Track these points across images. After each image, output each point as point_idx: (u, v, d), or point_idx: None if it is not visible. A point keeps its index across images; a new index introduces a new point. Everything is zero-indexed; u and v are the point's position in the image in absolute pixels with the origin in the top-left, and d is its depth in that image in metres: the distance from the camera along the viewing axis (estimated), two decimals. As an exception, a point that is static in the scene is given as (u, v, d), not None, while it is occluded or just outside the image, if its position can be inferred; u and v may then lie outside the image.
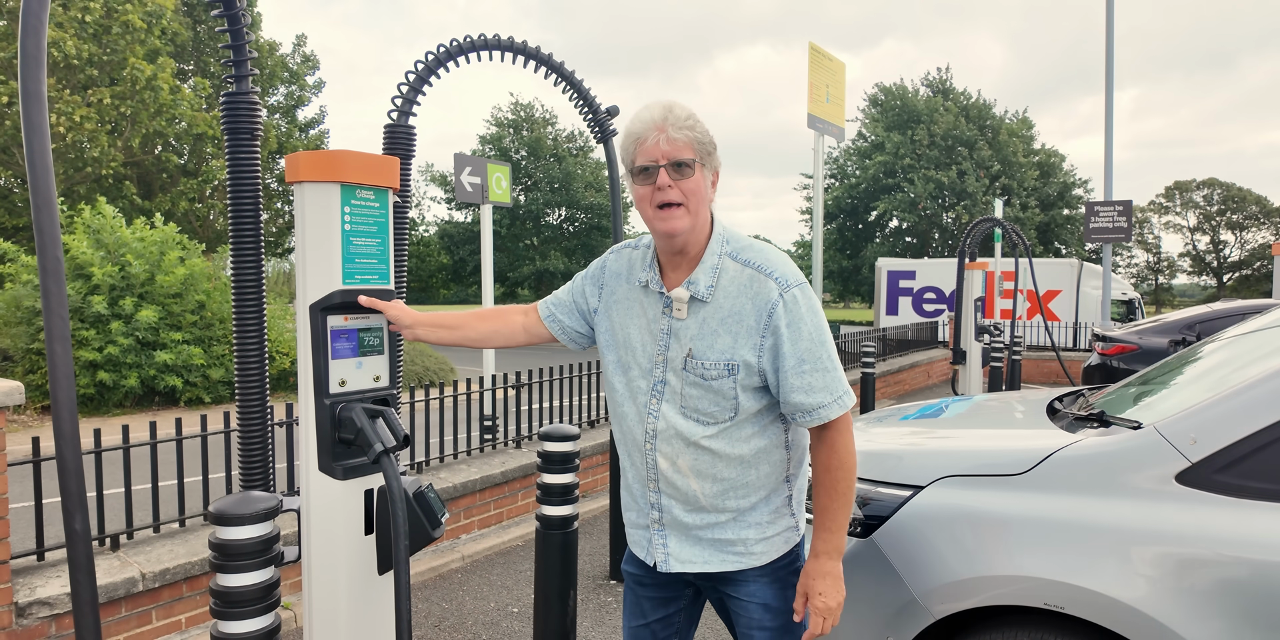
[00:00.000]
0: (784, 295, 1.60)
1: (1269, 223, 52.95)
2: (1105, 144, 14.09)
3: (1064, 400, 2.89)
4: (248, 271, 2.09)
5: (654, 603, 1.90)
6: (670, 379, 1.69)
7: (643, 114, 1.64)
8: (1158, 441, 1.95)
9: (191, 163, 22.71)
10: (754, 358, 1.61)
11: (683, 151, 1.59)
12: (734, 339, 1.62)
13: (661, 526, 1.77)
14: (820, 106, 5.85)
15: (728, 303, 1.64)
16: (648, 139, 1.60)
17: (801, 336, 1.60)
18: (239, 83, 2.00)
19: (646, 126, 1.61)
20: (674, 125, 1.59)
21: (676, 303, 1.66)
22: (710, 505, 1.71)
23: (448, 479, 4.66)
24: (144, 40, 18.55)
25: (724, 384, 1.63)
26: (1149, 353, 7.72)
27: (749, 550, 1.73)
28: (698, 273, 1.65)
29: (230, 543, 1.72)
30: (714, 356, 1.63)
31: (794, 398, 1.61)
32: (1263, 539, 1.77)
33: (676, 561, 1.76)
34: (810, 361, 1.60)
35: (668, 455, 1.71)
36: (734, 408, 1.65)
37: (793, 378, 1.60)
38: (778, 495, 1.74)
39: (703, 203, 1.64)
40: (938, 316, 18.32)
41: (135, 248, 11.58)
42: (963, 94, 38.40)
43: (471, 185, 5.80)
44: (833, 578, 1.66)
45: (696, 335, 1.65)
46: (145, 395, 11.83)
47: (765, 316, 1.60)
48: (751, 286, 1.62)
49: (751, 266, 1.64)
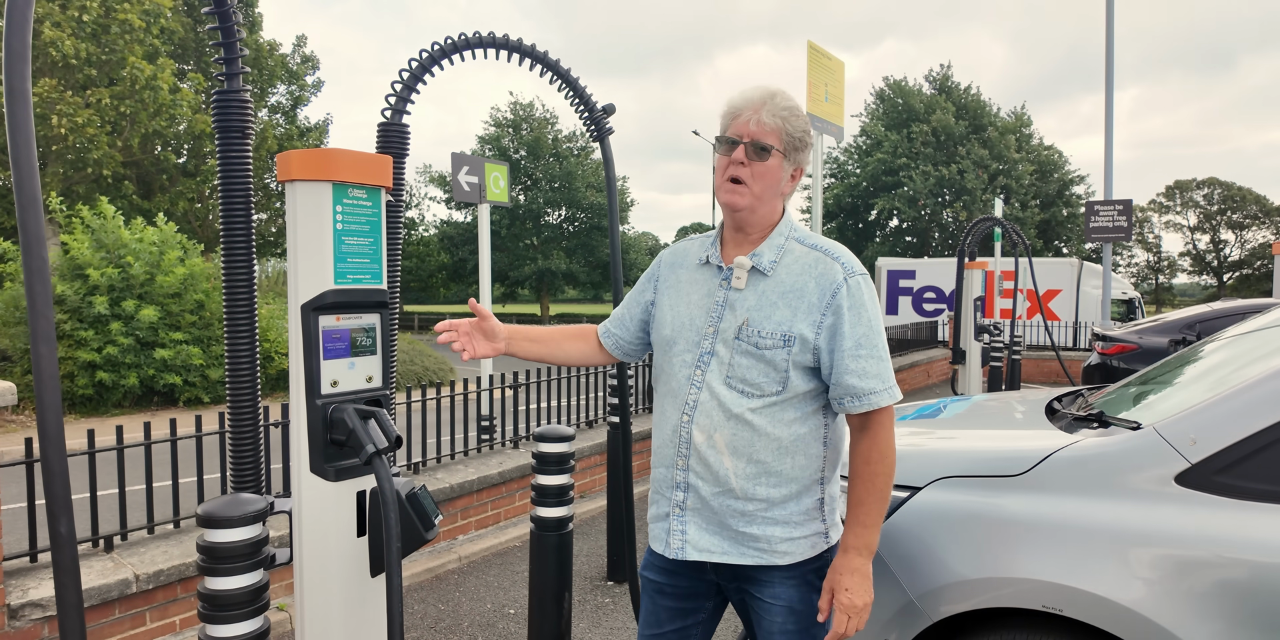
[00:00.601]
0: (849, 279, 1.65)
1: (1269, 222, 52.91)
2: (1105, 143, 14.07)
3: (1063, 400, 2.87)
4: (239, 271, 2.07)
5: (671, 613, 1.84)
6: (719, 350, 1.69)
7: (748, 92, 1.70)
8: (1157, 442, 1.93)
9: (191, 163, 22.70)
10: (811, 334, 1.63)
11: (768, 136, 1.65)
12: (793, 312, 1.64)
13: (683, 511, 1.73)
14: (819, 106, 5.83)
15: (789, 279, 1.67)
16: (742, 115, 1.66)
17: (861, 321, 1.63)
18: (230, 80, 1.98)
19: (745, 104, 1.67)
20: (770, 110, 1.65)
21: (737, 271, 1.69)
22: (740, 489, 1.67)
23: (445, 479, 4.64)
24: (143, 40, 18.53)
25: (777, 355, 1.64)
26: (1149, 352, 7.70)
27: (772, 548, 1.68)
28: (763, 247, 1.71)
29: (218, 545, 1.70)
30: (770, 327, 1.65)
31: (847, 379, 1.62)
32: (1263, 541, 1.75)
33: (694, 549, 1.71)
34: (867, 347, 1.62)
35: (705, 428, 1.69)
36: (783, 381, 1.64)
37: (849, 360, 1.62)
38: (809, 495, 1.70)
39: (770, 188, 1.68)
40: (938, 316, 18.31)
41: (134, 248, 11.57)
42: (966, 91, 38.35)
43: (469, 185, 5.78)
44: (861, 576, 1.62)
45: (754, 306, 1.67)
46: (144, 395, 11.82)
47: (829, 296, 1.63)
48: (817, 267, 1.66)
49: (819, 249, 1.69)
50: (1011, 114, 38.65)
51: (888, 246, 38.09)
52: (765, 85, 1.70)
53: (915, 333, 13.77)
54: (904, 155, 36.31)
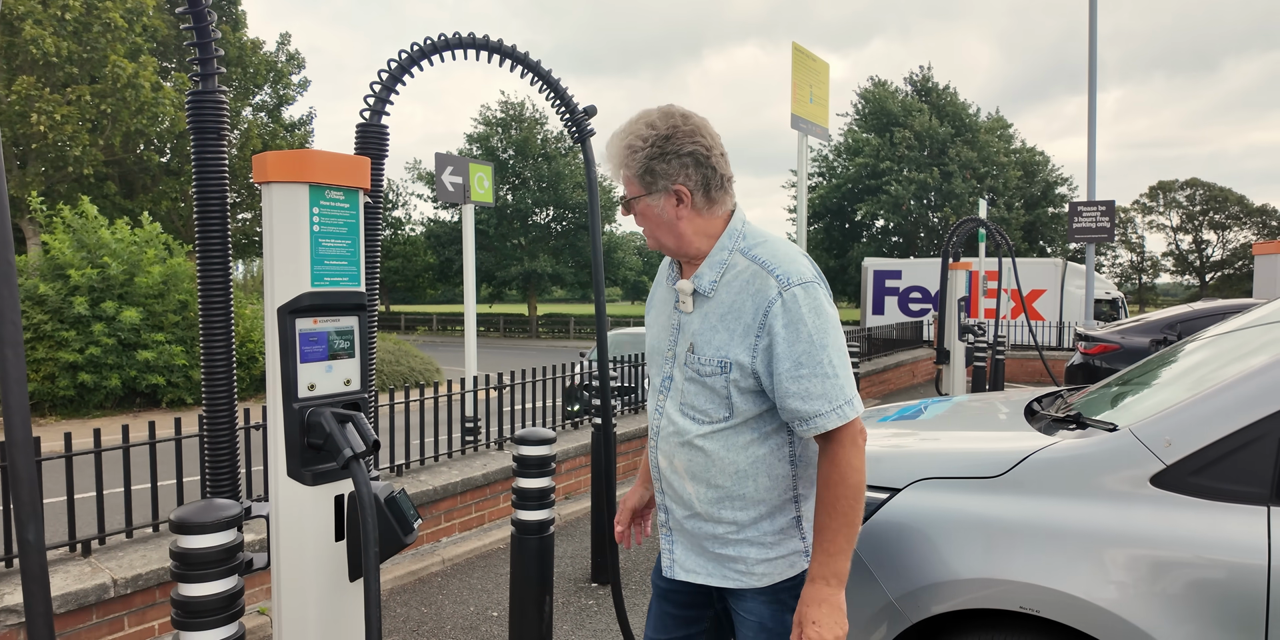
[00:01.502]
0: (783, 293, 1.53)
1: (1250, 222, 53.49)
2: (1088, 144, 14.17)
3: (1043, 401, 2.88)
4: (215, 273, 2.05)
5: (676, 620, 1.84)
6: (675, 375, 1.68)
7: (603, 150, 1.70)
8: (1133, 444, 1.95)
9: (174, 161, 22.50)
10: (747, 358, 1.55)
11: (626, 188, 1.65)
12: (730, 336, 1.58)
13: (669, 531, 1.75)
14: (804, 107, 5.84)
15: (728, 298, 1.59)
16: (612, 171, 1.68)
17: (799, 338, 1.51)
18: (204, 81, 1.96)
19: (605, 162, 1.68)
20: (611, 163, 1.65)
21: (681, 296, 1.66)
22: (705, 513, 1.65)
23: (428, 481, 4.62)
24: (125, 38, 18.36)
25: (716, 381, 1.59)
26: (1131, 352, 7.76)
27: (750, 570, 1.65)
28: (704, 267, 1.64)
29: (191, 551, 1.68)
30: (710, 352, 1.60)
31: (790, 404, 1.53)
32: (1235, 541, 1.77)
33: (681, 569, 1.72)
34: (809, 365, 1.51)
35: (666, 453, 1.69)
36: (728, 407, 1.60)
37: (788, 382, 1.52)
38: (783, 514, 1.65)
39: (664, 226, 1.63)
40: (923, 316, 18.40)
41: (114, 248, 11.46)
42: (944, 92, 38.54)
43: (453, 185, 5.76)
44: (830, 606, 1.51)
45: (698, 330, 1.63)
46: (126, 396, 11.71)
47: (762, 315, 1.54)
48: (753, 283, 1.57)
49: (757, 263, 1.58)
50: (990, 116, 38.87)
51: (874, 247, 38.24)
52: (612, 137, 1.66)
53: (901, 333, 13.83)
54: (887, 159, 36.44)
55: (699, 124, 1.61)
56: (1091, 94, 14.07)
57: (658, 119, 1.60)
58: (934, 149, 36.14)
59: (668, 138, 1.58)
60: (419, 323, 40.76)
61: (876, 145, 36.69)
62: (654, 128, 1.59)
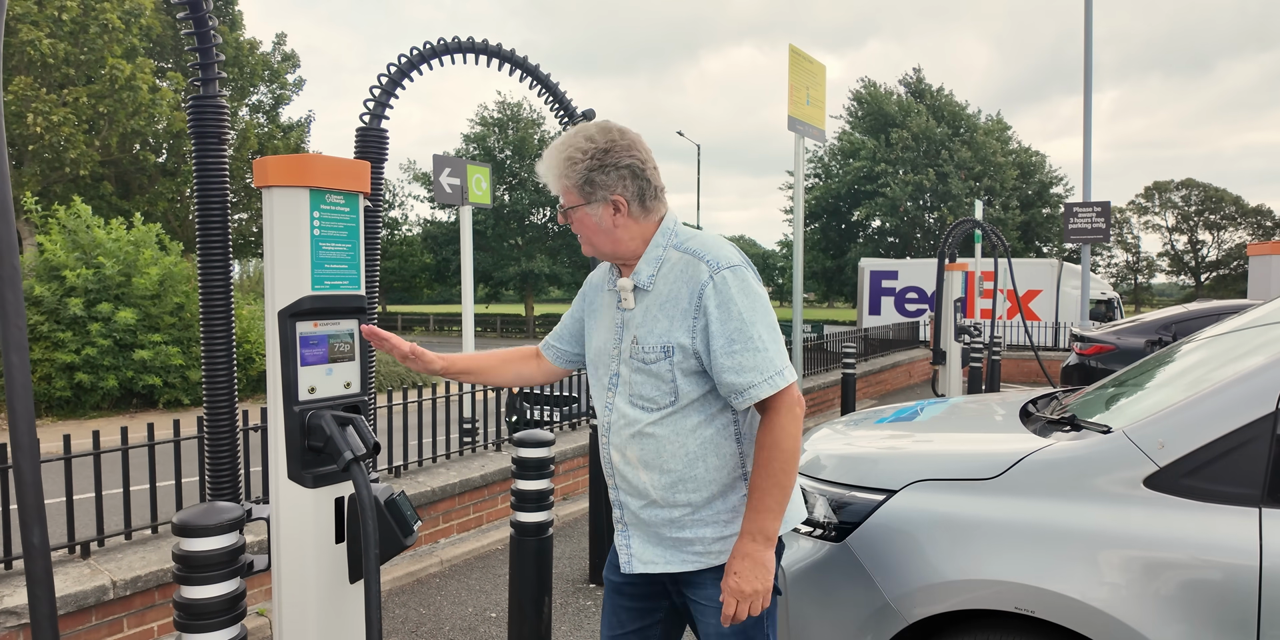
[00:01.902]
0: (714, 276, 1.64)
1: (1245, 223, 53.67)
2: (1084, 145, 14.22)
3: (1038, 403, 2.90)
4: (216, 277, 2.07)
5: (631, 613, 1.89)
6: (622, 370, 1.74)
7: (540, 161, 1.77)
8: (1126, 446, 1.97)
9: (171, 162, 22.47)
10: (688, 339, 1.65)
11: (564, 198, 1.73)
12: (670, 322, 1.67)
13: (625, 526, 1.80)
14: (800, 109, 5.86)
15: (666, 288, 1.70)
16: (548, 182, 1.75)
17: (731, 316, 1.62)
18: (205, 86, 1.98)
19: (540, 173, 1.76)
20: (549, 174, 1.73)
21: (623, 293, 1.74)
22: (662, 498, 1.72)
23: (426, 483, 4.63)
24: (121, 39, 18.33)
25: (661, 367, 1.67)
26: (1126, 353, 7.79)
27: (708, 549, 1.72)
28: (641, 264, 1.73)
29: (194, 554, 1.70)
30: (652, 340, 1.68)
31: (725, 377, 1.63)
32: (1228, 542, 1.79)
33: (639, 562, 1.77)
34: (740, 341, 1.62)
35: (618, 447, 1.76)
36: (673, 391, 1.68)
37: (723, 358, 1.63)
38: (735, 493, 1.73)
39: (599, 233, 1.73)
40: (920, 316, 18.43)
41: (109, 249, 11.44)
42: (938, 93, 38.60)
43: (451, 186, 5.77)
44: (752, 561, 1.61)
45: (640, 322, 1.71)
46: (123, 397, 11.70)
47: (696, 298, 1.65)
48: (687, 270, 1.68)
49: (689, 253, 1.70)
50: (989, 119, 38.94)
51: (871, 247, 38.30)
52: (550, 145, 1.74)
53: (897, 333, 13.86)
54: (883, 161, 36.49)
55: (634, 138, 1.72)
56: (1087, 96, 14.11)
57: (596, 133, 1.69)
58: (930, 150, 36.20)
59: (606, 151, 1.67)
60: (416, 323, 40.72)
61: (873, 147, 36.74)
62: (593, 141, 1.67)
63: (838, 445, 2.62)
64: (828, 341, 10.67)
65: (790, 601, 2.27)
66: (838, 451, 2.54)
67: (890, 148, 36.41)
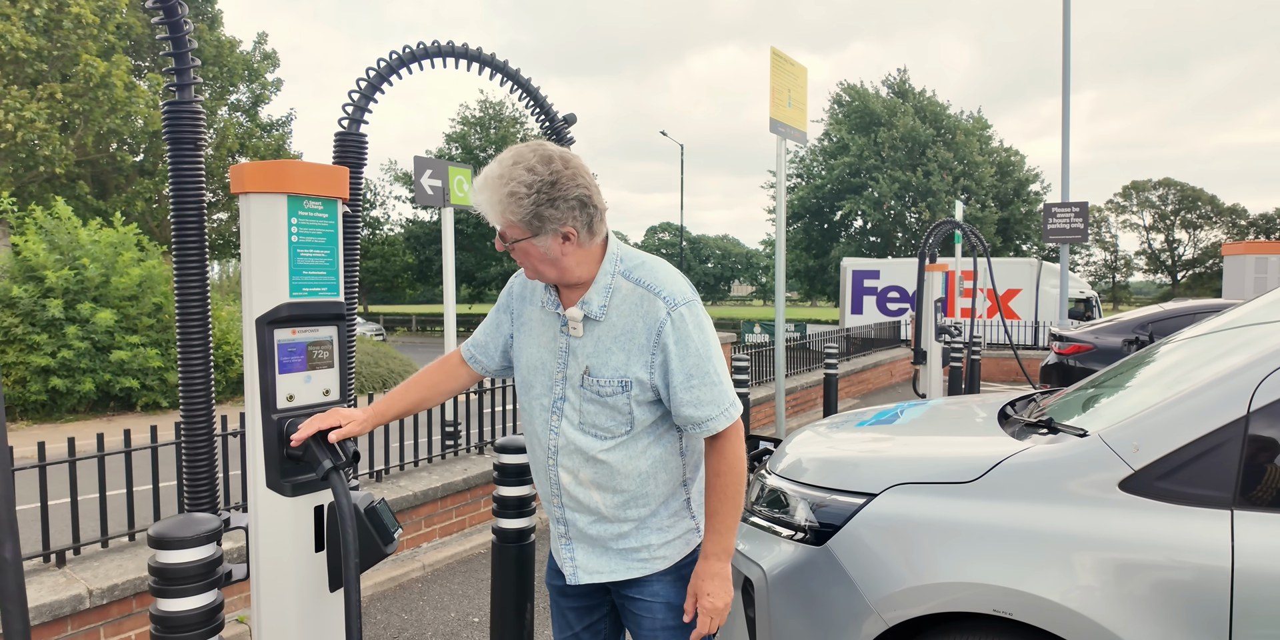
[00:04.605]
0: (671, 314, 1.66)
1: (1220, 222, 54.45)
2: (1062, 146, 14.37)
3: (1016, 405, 2.93)
4: (192, 284, 2.04)
5: (577, 613, 1.95)
6: (569, 395, 1.75)
7: (475, 187, 1.67)
8: (1102, 449, 1.99)
9: (148, 161, 22.21)
10: (645, 374, 1.67)
11: (507, 231, 1.65)
12: (627, 356, 1.68)
13: (569, 540, 1.83)
14: (782, 111, 5.88)
15: (621, 321, 1.69)
16: (481, 207, 1.66)
17: (689, 353, 1.66)
18: (181, 91, 1.95)
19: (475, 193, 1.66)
20: (490, 211, 1.63)
21: (571, 322, 1.72)
22: (613, 515, 1.76)
23: (408, 487, 4.61)
24: (96, 35, 18.09)
25: (619, 400, 1.69)
26: (1104, 352, 7.89)
27: (653, 555, 1.78)
28: (590, 293, 1.70)
29: (170, 567, 1.68)
30: (609, 374, 1.69)
31: (685, 411, 1.68)
32: (1200, 544, 1.82)
33: (584, 573, 1.81)
34: (698, 377, 1.67)
35: (570, 469, 1.77)
36: (629, 422, 1.71)
37: (682, 393, 1.67)
38: (676, 499, 1.80)
39: (545, 262, 1.66)
40: (901, 315, 18.56)
41: (90, 250, 11.30)
42: (920, 94, 38.87)
43: (433, 188, 5.74)
44: (721, 579, 1.71)
45: (592, 352, 1.71)
46: (100, 400, 11.54)
47: (655, 335, 1.66)
48: (642, 305, 1.68)
49: (642, 286, 1.69)
50: (970, 118, 39.25)
51: (853, 247, 38.50)
52: (485, 174, 1.64)
53: (879, 332, 13.94)
54: (872, 158, 36.71)
55: (578, 165, 1.64)
56: (1065, 98, 14.26)
57: (537, 164, 1.59)
58: (915, 150, 36.45)
59: (553, 184, 1.59)
60: (398, 323, 40.51)
61: (862, 144, 36.93)
62: (535, 173, 1.58)
63: (819, 448, 2.63)
64: (810, 341, 10.72)
65: (771, 604, 2.28)
66: (819, 455, 2.55)
67: (878, 146, 36.63)
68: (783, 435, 6.55)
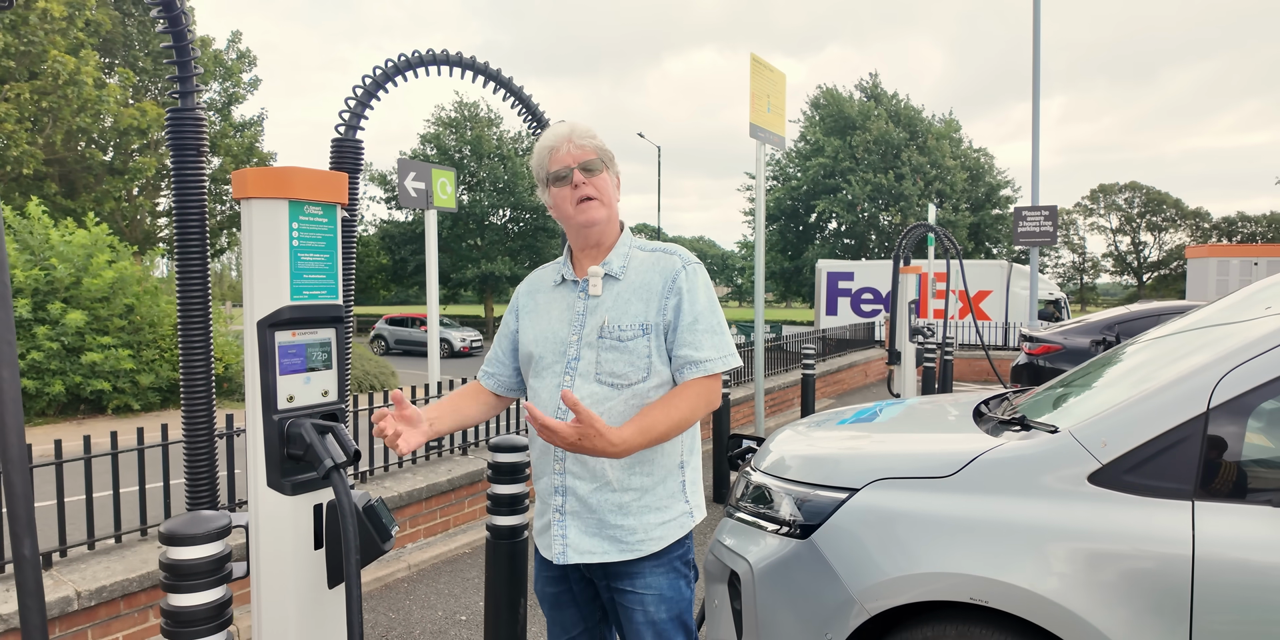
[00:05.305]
0: (686, 267, 1.85)
1: (1184, 225, 55.65)
2: (1032, 150, 14.66)
3: (990, 404, 3.04)
4: (194, 285, 2.08)
5: (575, 618, 2.00)
6: (584, 354, 1.83)
7: (550, 131, 1.90)
8: (1072, 444, 2.09)
9: (118, 160, 21.86)
10: (659, 319, 1.81)
11: (589, 155, 1.84)
12: (645, 305, 1.82)
13: (563, 515, 1.86)
14: (761, 116, 5.98)
15: (639, 278, 1.86)
16: (560, 149, 1.84)
17: (699, 300, 1.82)
18: (184, 98, 1.99)
19: (556, 140, 1.86)
20: (578, 136, 1.85)
21: (593, 279, 1.86)
22: (617, 480, 1.81)
23: (393, 488, 4.64)
24: (65, 31, 17.79)
25: (638, 343, 1.80)
26: (1072, 352, 8.09)
27: (648, 535, 1.83)
28: (612, 256, 1.89)
29: (181, 563, 1.72)
30: (629, 320, 1.81)
31: (684, 351, 1.79)
32: (1165, 534, 1.92)
33: (574, 552, 1.84)
34: (704, 323, 1.81)
35: None
36: (647, 367, 1.80)
37: (685, 333, 1.79)
38: (673, 479, 1.88)
39: (612, 196, 1.88)
40: (875, 317, 18.80)
41: (61, 250, 11.13)
42: (893, 98, 39.35)
43: (416, 190, 5.76)
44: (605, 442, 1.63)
45: (611, 306, 1.84)
46: (70, 403, 11.38)
47: (670, 282, 1.82)
48: (659, 263, 1.87)
49: (658, 250, 1.91)
50: (942, 120, 39.79)
51: (827, 249, 38.85)
52: (562, 123, 1.91)
53: (854, 333, 14.12)
54: (846, 160, 37.09)
55: None
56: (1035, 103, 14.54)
57: None
58: (889, 153, 36.88)
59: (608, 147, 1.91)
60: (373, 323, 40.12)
61: (836, 147, 37.29)
62: None
63: (801, 446, 2.71)
64: (787, 342, 10.85)
65: (758, 596, 2.35)
66: (802, 452, 2.63)
67: (852, 149, 37.01)
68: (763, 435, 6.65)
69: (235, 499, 3.85)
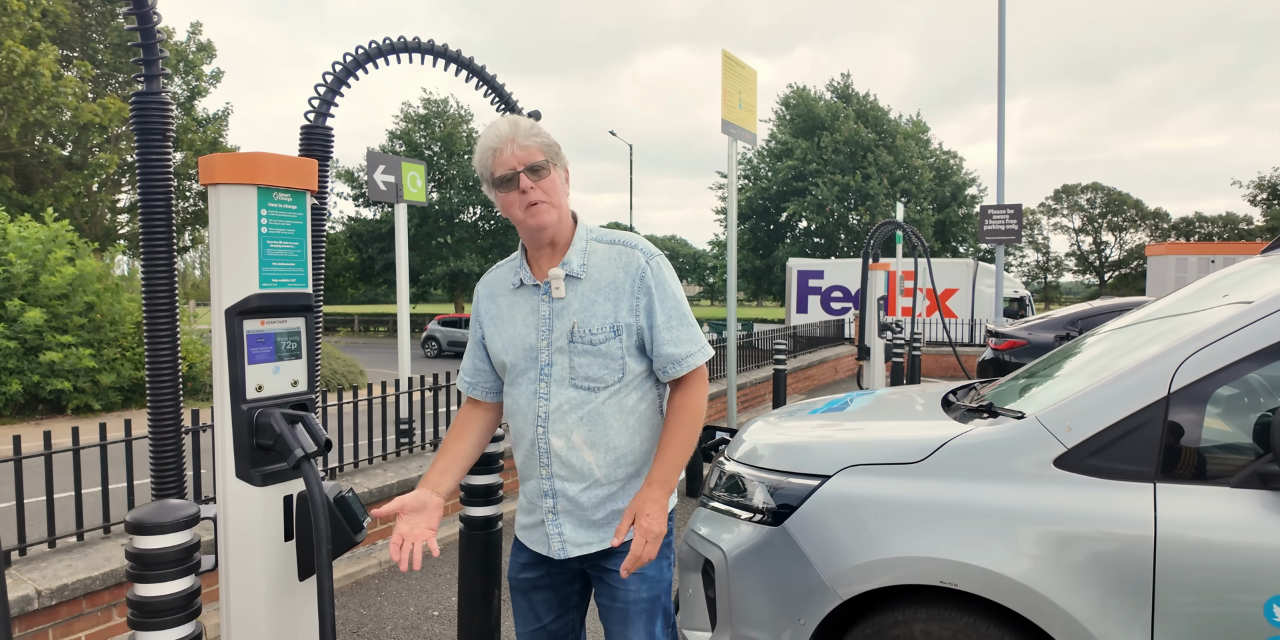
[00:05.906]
0: (649, 262, 1.83)
1: (1144, 225, 56.89)
2: (998, 150, 14.90)
3: (958, 393, 3.09)
4: (160, 277, 2.04)
5: (549, 605, 2.00)
6: (556, 359, 1.82)
7: (492, 130, 1.81)
8: (1038, 430, 2.13)
9: (77, 155, 21.35)
10: (632, 319, 1.81)
11: (535, 155, 1.78)
12: (614, 305, 1.81)
13: (555, 515, 1.88)
14: (733, 113, 6.01)
15: (603, 276, 1.83)
16: (503, 150, 1.78)
17: (667, 296, 1.83)
18: (149, 82, 1.95)
19: (499, 140, 1.78)
20: (522, 136, 1.78)
21: (554, 282, 1.83)
22: (605, 476, 1.84)
23: (364, 484, 4.59)
24: (22, 22, 17.33)
25: (611, 346, 1.80)
26: (1036, 347, 8.25)
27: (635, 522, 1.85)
28: (570, 255, 1.84)
29: (149, 552, 1.69)
30: (598, 323, 1.80)
31: (666, 349, 1.82)
32: (1127, 515, 1.97)
33: (573, 546, 1.87)
34: (676, 318, 1.83)
35: (561, 433, 1.82)
36: (621, 368, 1.81)
37: (664, 332, 1.81)
38: (648, 465, 1.90)
39: (560, 196, 1.83)
40: (844, 314, 18.98)
41: (18, 246, 10.85)
42: (863, 98, 39.74)
43: (385, 184, 5.70)
44: (660, 507, 1.77)
45: (579, 309, 1.82)
46: (28, 403, 11.10)
47: (637, 280, 1.81)
48: (621, 258, 1.83)
49: (618, 243, 1.87)
50: (910, 121, 40.28)
51: (798, 247, 39.15)
52: (504, 118, 1.84)
53: (824, 330, 14.25)
54: (814, 162, 37.38)
55: None
56: (1000, 104, 14.78)
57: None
58: (857, 153, 37.24)
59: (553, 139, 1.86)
60: (340, 323, 39.67)
61: (805, 148, 37.57)
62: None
63: (774, 435, 2.74)
64: (758, 339, 10.92)
65: (731, 583, 2.37)
66: (774, 441, 2.66)
67: (821, 150, 37.30)
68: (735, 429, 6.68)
69: (201, 497, 3.79)
